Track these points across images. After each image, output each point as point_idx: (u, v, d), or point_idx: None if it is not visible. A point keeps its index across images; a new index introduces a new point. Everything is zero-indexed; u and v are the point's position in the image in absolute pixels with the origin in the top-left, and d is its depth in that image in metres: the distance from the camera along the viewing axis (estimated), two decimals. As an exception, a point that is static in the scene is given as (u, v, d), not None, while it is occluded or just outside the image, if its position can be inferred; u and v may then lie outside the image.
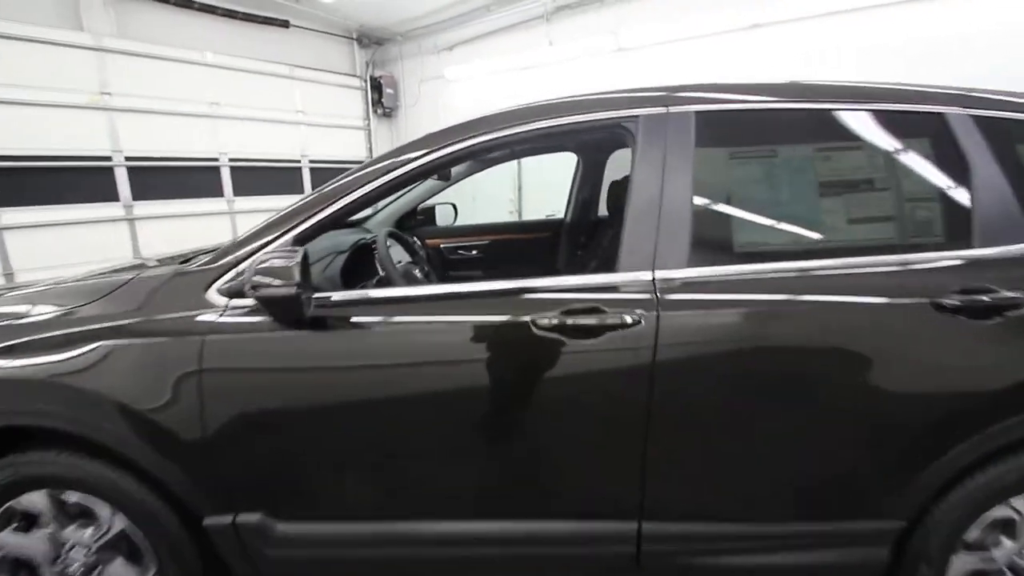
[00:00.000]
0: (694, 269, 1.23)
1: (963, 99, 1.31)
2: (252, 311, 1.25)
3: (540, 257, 2.83)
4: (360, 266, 1.70)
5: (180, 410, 1.24)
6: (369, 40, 6.85)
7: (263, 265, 1.13)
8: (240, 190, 5.76)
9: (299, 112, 6.23)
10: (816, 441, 1.23)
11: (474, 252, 2.86)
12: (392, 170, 1.33)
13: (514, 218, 5.93)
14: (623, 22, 5.15)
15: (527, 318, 1.21)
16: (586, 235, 2.78)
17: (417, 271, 1.69)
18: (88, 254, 4.56)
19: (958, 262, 1.22)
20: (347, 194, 1.32)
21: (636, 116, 1.31)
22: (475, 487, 1.33)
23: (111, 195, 4.95)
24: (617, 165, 2.70)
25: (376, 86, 6.86)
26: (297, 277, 1.10)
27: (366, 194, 1.32)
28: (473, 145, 1.32)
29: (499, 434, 1.29)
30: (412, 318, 1.28)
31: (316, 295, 1.25)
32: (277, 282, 1.11)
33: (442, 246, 2.85)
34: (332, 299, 1.29)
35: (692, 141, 1.28)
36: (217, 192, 5.66)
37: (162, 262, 1.69)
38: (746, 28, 4.48)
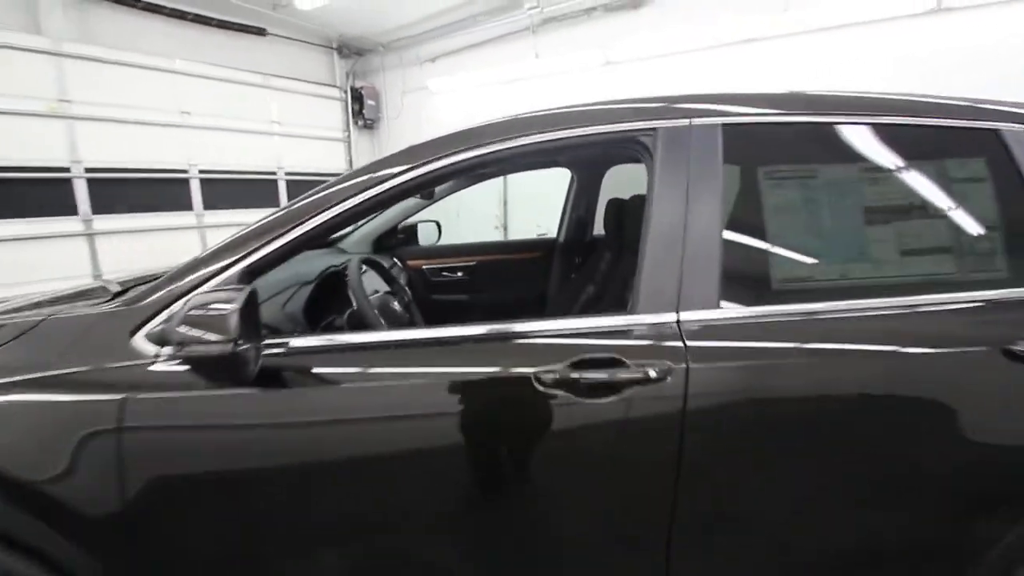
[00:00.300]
0: (727, 310, 1.03)
1: (1020, 115, 1.15)
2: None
3: (531, 279, 2.63)
4: (330, 297, 1.47)
5: (92, 484, 0.99)
6: (349, 50, 6.64)
7: (193, 312, 0.90)
8: (211, 203, 5.46)
9: (275, 123, 5.96)
10: (876, 512, 1.03)
11: (460, 274, 2.65)
12: (367, 188, 1.11)
13: (500, 234, 5.74)
14: (612, 35, 5.04)
15: (528, 371, 1.00)
16: (581, 256, 2.59)
17: (395, 303, 1.46)
18: (44, 272, 4.24)
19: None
20: (312, 217, 1.09)
21: (654, 129, 1.12)
22: None
23: (69, 208, 4.62)
24: (614, 182, 2.53)
25: (357, 97, 6.64)
26: (234, 331, 0.87)
27: (335, 217, 1.10)
28: (464, 160, 1.11)
29: (493, 514, 1.07)
30: (386, 369, 1.05)
31: (270, 342, 1.03)
32: (211, 336, 0.87)
33: (425, 268, 2.63)
34: (290, 345, 1.06)
35: (719, 158, 1.09)
36: (186, 205, 5.35)
37: (124, 284, 1.44)
38: (742, 42, 4.38)
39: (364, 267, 1.60)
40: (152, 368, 1.01)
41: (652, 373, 0.97)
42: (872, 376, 1.02)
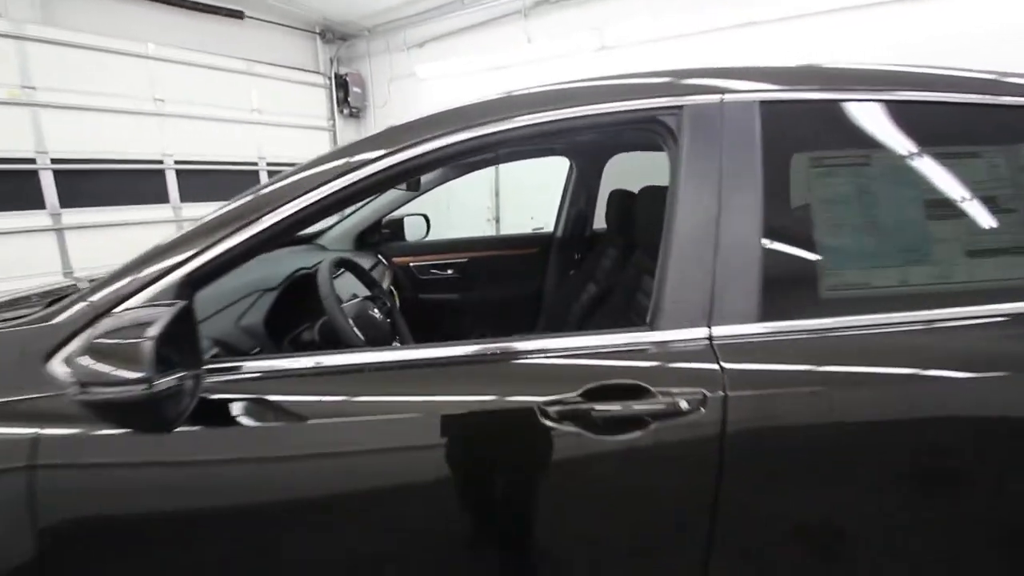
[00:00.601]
0: (769, 324, 0.86)
1: None
2: None
3: (527, 277, 2.45)
4: (300, 304, 1.28)
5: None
6: (333, 35, 6.37)
7: (101, 341, 0.70)
8: (188, 195, 5.20)
9: (255, 111, 5.70)
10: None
11: (450, 272, 2.46)
12: (338, 177, 0.92)
13: (492, 227, 5.54)
14: (608, 18, 4.83)
15: (532, 400, 0.82)
16: (580, 252, 2.41)
17: (375, 310, 1.27)
18: (10, 269, 4.01)
19: None
20: (270, 211, 0.90)
21: (678, 107, 0.94)
22: None
23: (35, 202, 4.36)
24: (617, 170, 2.35)
25: (342, 84, 6.38)
26: (148, 365, 0.67)
27: (299, 212, 0.91)
28: (453, 145, 0.92)
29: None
30: (360, 398, 0.87)
31: (214, 366, 0.84)
32: (121, 372, 0.68)
33: (412, 265, 2.44)
34: (243, 369, 0.87)
35: (758, 141, 0.91)
36: (162, 198, 5.09)
37: (94, 283, 1.24)
38: (741, 25, 4.19)
39: (339, 268, 1.41)
40: (74, 399, 0.82)
41: (683, 404, 0.80)
42: (950, 398, 0.85)
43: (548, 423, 0.81)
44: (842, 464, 0.84)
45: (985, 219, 0.94)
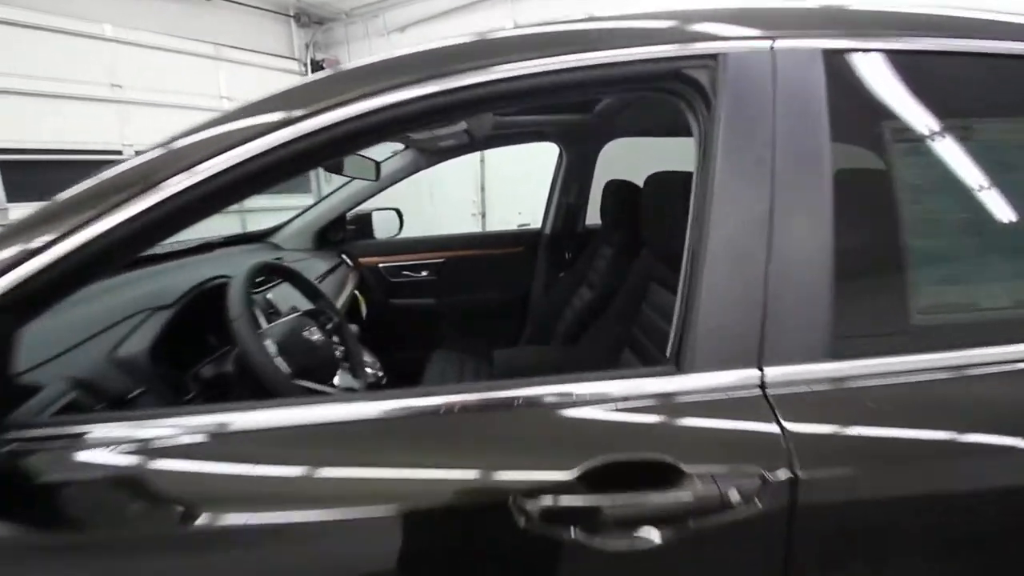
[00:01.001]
0: (848, 363, 0.60)
1: None
2: None
3: (511, 279, 2.19)
4: (212, 327, 1.00)
5: None
6: (309, 19, 6.02)
7: None
8: (152, 189, 4.86)
9: (224, 99, 5.36)
10: None
11: (425, 274, 2.18)
12: (225, 150, 0.64)
13: (478, 222, 5.25)
14: (600, 2, 4.55)
15: (502, 482, 0.55)
16: (571, 250, 2.15)
17: (313, 331, 0.99)
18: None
19: None
20: (125, 203, 0.63)
21: (712, 56, 0.67)
22: None
23: (-22, 196, 4.01)
24: (614, 156, 2.09)
25: (318, 71, 6.04)
26: None
27: (161, 205, 0.63)
28: (403, 103, 0.64)
29: None
30: (254, 471, 0.59)
31: (36, 435, 0.56)
32: None
33: (381, 266, 2.15)
34: (89, 438, 0.59)
35: (825, 106, 0.64)
36: (122, 192, 4.74)
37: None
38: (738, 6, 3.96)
39: (271, 276, 1.12)
40: None
41: (733, 495, 0.53)
42: None
43: (526, 525, 0.53)
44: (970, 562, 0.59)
45: None
